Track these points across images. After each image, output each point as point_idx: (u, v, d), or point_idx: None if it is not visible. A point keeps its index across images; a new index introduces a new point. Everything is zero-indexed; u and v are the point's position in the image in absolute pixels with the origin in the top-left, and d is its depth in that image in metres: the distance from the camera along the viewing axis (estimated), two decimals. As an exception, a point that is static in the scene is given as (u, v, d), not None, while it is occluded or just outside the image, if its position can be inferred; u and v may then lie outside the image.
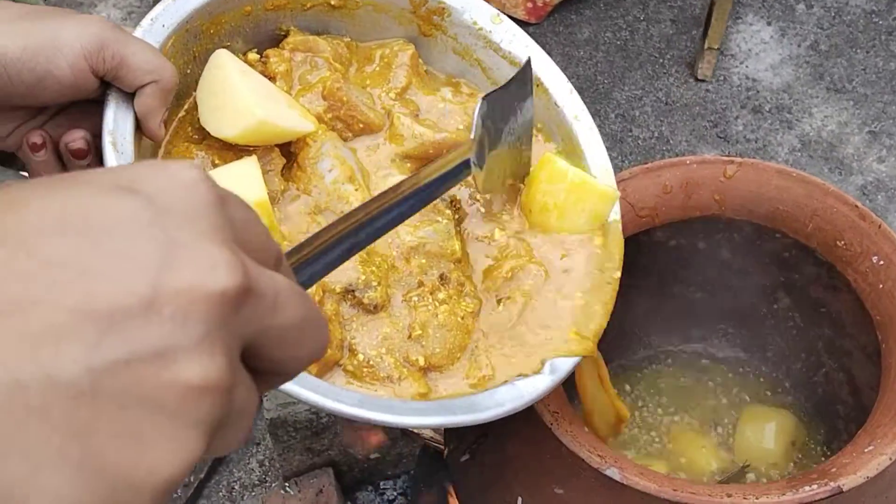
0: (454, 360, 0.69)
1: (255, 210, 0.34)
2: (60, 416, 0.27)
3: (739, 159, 0.85)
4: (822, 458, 0.91)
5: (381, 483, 1.31)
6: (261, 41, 0.74)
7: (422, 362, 0.67)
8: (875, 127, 1.71)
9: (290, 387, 0.58)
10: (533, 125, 0.75)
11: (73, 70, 0.59)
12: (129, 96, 0.62)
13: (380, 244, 0.69)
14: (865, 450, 0.69)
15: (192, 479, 1.30)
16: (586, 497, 0.73)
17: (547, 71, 0.78)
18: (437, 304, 0.69)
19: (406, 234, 0.70)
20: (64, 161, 0.62)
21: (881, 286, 0.78)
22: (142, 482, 0.28)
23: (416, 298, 0.69)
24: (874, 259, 0.79)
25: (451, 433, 0.86)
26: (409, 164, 0.73)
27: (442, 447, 1.01)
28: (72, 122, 0.63)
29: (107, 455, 0.27)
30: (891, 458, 0.69)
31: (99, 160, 0.62)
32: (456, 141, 0.74)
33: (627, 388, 0.98)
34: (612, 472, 0.69)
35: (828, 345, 0.93)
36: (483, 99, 0.67)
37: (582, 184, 0.72)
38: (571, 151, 0.77)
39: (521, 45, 0.78)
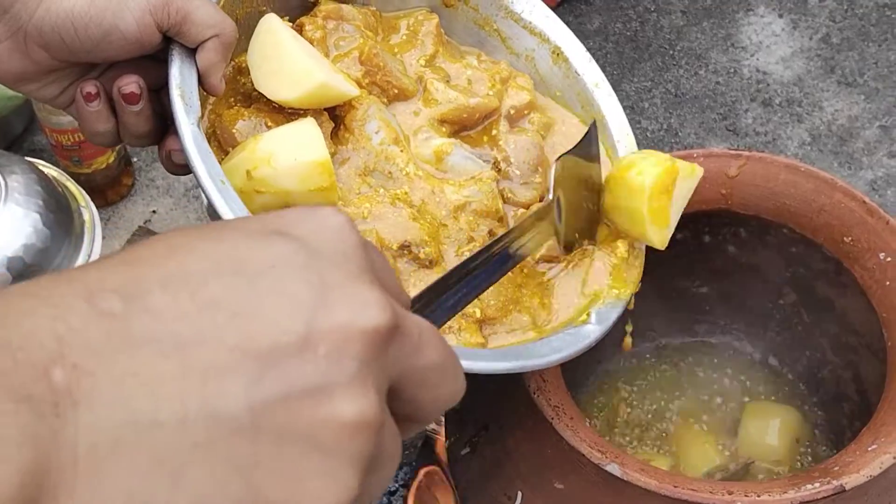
0: (507, 313, 0.71)
1: (386, 260, 0.35)
2: (223, 451, 0.28)
3: (747, 153, 0.84)
4: (827, 457, 0.90)
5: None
6: (291, 9, 0.75)
7: (478, 314, 0.70)
8: (886, 121, 1.70)
9: None
10: (602, 189, 0.76)
11: (139, 25, 0.60)
12: (191, 52, 0.63)
13: (429, 203, 0.71)
14: (869, 448, 0.69)
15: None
16: (587, 492, 0.72)
17: (565, 40, 0.80)
18: None
19: (452, 192, 0.71)
20: (116, 109, 0.63)
21: (888, 283, 0.77)
22: None
23: (467, 253, 0.71)
24: (881, 256, 0.78)
25: (453, 425, 0.86)
26: (444, 128, 0.74)
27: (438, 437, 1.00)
28: (122, 69, 0.64)
29: (266, 490, 0.28)
30: (894, 457, 0.68)
31: (151, 108, 0.64)
32: (488, 106, 0.75)
33: (627, 383, 0.97)
34: (613, 468, 0.69)
35: (833, 342, 0.92)
36: (557, 160, 0.70)
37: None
38: (592, 118, 0.79)
39: (542, 16, 0.80)
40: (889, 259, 0.78)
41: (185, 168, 0.63)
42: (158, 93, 0.65)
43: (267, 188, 0.64)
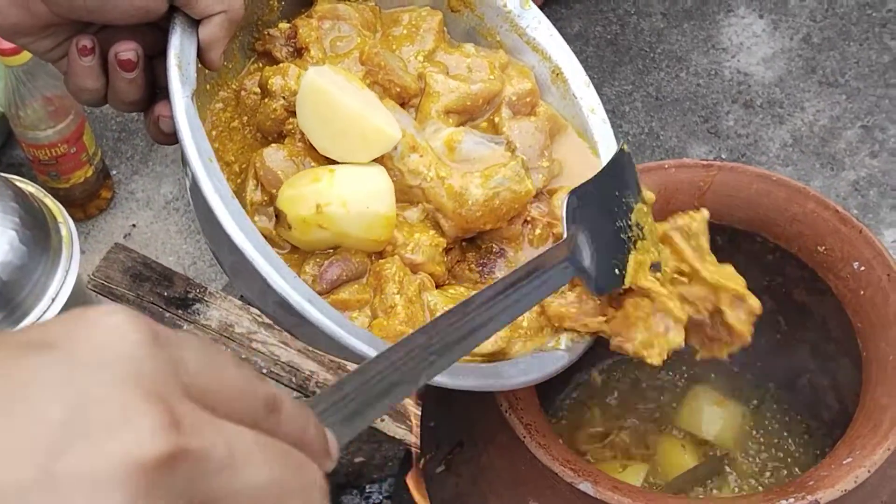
0: None
1: (223, 352, 0.30)
2: None
3: (719, 163, 0.83)
4: (807, 466, 0.90)
5: (367, 486, 1.30)
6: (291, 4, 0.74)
7: None
8: (868, 121, 1.70)
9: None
10: (646, 221, 0.71)
11: None
12: (194, 23, 0.61)
13: (454, 216, 0.69)
14: (844, 462, 0.68)
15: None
16: (561, 510, 0.72)
17: (566, 61, 0.78)
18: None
19: (477, 188, 0.69)
20: (108, 71, 0.62)
21: (862, 293, 0.77)
22: None
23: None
24: (855, 265, 0.77)
25: (428, 442, 0.85)
26: (451, 119, 0.72)
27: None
28: (119, 37, 0.62)
29: None
30: (869, 471, 0.67)
31: (145, 77, 0.62)
32: (490, 90, 0.73)
33: (604, 391, 0.97)
34: (586, 487, 0.68)
35: (812, 349, 0.92)
36: (570, 193, 0.66)
37: None
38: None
39: (546, 34, 0.78)
40: (863, 268, 0.77)
41: (171, 137, 0.62)
42: (152, 59, 0.63)
43: (331, 226, 0.64)
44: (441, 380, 0.62)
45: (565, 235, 0.65)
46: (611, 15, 1.86)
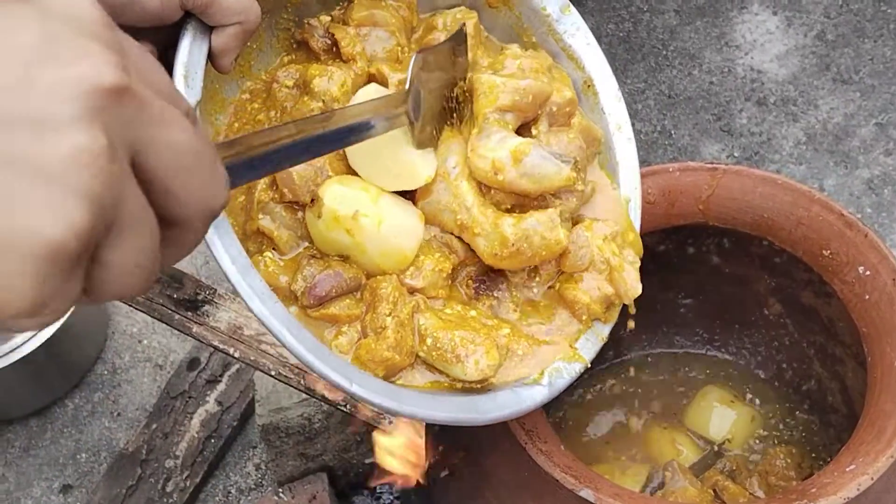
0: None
1: (155, 61, 0.36)
2: None
3: (723, 167, 0.83)
4: (811, 471, 0.89)
5: (377, 487, 1.30)
6: (310, 6, 0.72)
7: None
8: (882, 119, 1.68)
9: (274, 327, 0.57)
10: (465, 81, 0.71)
11: (162, 1, 0.58)
12: (207, 29, 0.60)
13: (486, 255, 0.68)
14: (847, 469, 0.68)
15: (188, 483, 1.30)
16: (563, 516, 0.71)
17: (600, 72, 0.76)
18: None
19: (510, 227, 0.67)
20: None
21: (867, 297, 0.76)
22: (20, 243, 0.29)
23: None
24: (860, 269, 0.77)
25: (433, 448, 0.85)
26: (510, 121, 0.69)
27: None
28: (132, 32, 0.61)
29: None
30: (872, 478, 0.67)
31: None
32: (541, 89, 0.71)
33: (609, 391, 0.97)
34: (587, 494, 0.68)
35: (820, 352, 0.91)
36: (417, 53, 0.66)
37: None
38: (605, 161, 0.76)
39: (583, 42, 0.76)
40: (868, 273, 0.76)
41: None
42: (166, 51, 0.61)
43: (356, 236, 0.64)
44: (415, 411, 0.62)
45: (407, 87, 0.65)
46: (623, 12, 1.85)
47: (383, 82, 0.69)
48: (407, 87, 0.65)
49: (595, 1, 1.85)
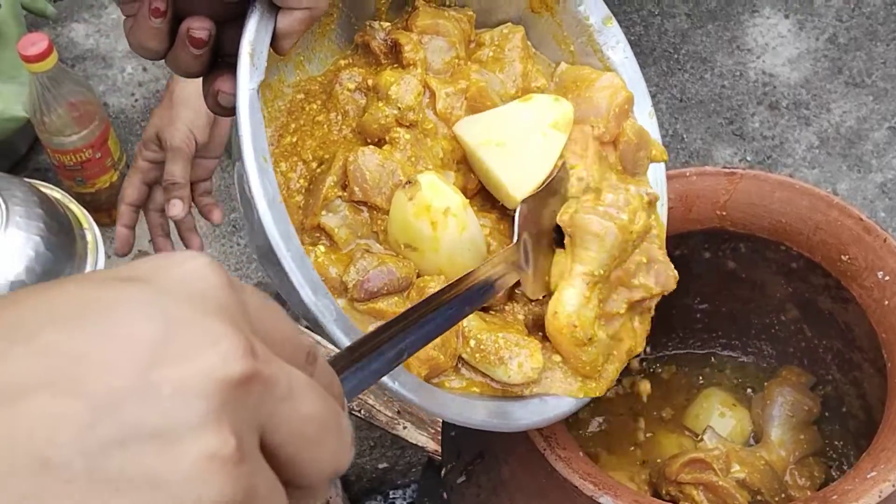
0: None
1: (277, 305, 0.33)
2: (53, 502, 0.27)
3: (741, 171, 0.82)
4: (831, 478, 0.89)
5: (391, 492, 1.30)
6: (358, 9, 0.71)
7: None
8: (895, 122, 1.68)
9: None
10: None
11: None
12: (274, 9, 0.59)
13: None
14: (868, 476, 0.67)
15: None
16: (581, 522, 0.71)
17: (635, 87, 0.76)
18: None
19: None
20: (176, 37, 0.59)
21: (887, 303, 0.76)
22: None
23: None
24: (879, 275, 0.76)
25: (449, 452, 0.85)
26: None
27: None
28: (194, 8, 0.59)
29: None
30: (894, 485, 0.67)
31: (212, 52, 0.59)
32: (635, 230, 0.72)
33: (615, 392, 0.96)
34: (606, 500, 0.68)
35: (837, 358, 0.91)
36: (523, 202, 0.67)
37: None
38: None
39: (621, 55, 0.77)
40: (888, 278, 0.76)
41: (227, 111, 0.60)
42: (220, 26, 0.60)
43: (437, 231, 0.64)
44: (447, 414, 0.63)
45: (515, 240, 0.66)
46: (634, 16, 1.85)
47: (432, 94, 0.69)
48: (515, 239, 0.67)
49: (607, 5, 1.85)
